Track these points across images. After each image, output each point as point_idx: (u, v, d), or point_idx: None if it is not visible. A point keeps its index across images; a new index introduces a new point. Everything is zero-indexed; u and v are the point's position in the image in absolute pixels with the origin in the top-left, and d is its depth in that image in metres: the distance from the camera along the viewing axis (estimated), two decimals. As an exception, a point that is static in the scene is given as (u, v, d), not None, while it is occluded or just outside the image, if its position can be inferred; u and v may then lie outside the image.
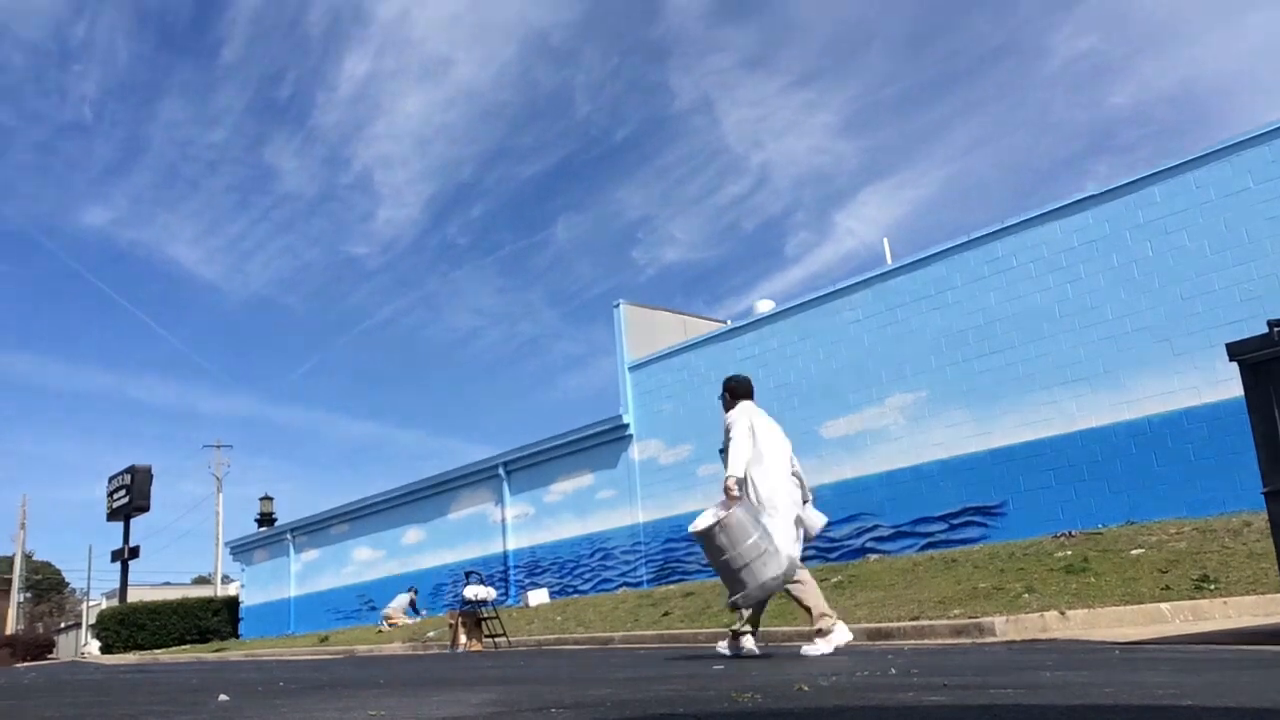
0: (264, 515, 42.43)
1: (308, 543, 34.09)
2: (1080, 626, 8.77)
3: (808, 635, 7.81)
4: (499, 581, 24.29)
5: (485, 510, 26.54)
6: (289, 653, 20.85)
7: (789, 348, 19.42)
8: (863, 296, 18.23)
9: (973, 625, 9.11)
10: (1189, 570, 9.91)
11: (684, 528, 20.83)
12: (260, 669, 11.64)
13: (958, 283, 16.78)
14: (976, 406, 16.29)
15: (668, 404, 21.76)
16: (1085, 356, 15.08)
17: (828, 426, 18.48)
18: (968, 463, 16.31)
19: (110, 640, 35.33)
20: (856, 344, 18.21)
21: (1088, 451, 14.89)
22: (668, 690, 4.69)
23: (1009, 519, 15.61)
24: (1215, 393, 13.45)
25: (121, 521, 39.51)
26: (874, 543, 17.32)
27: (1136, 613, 8.83)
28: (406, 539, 29.32)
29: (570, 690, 4.97)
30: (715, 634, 12.14)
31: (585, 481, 23.59)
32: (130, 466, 39.11)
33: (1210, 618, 8.55)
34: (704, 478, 20.60)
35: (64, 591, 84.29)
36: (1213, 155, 14.08)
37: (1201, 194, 14.15)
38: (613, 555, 22.44)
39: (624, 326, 23.27)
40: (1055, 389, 15.35)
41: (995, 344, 16.16)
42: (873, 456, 17.71)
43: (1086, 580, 10.27)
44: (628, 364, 22.84)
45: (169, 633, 35.10)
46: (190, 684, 7.83)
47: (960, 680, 4.51)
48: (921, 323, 17.22)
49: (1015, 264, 16.07)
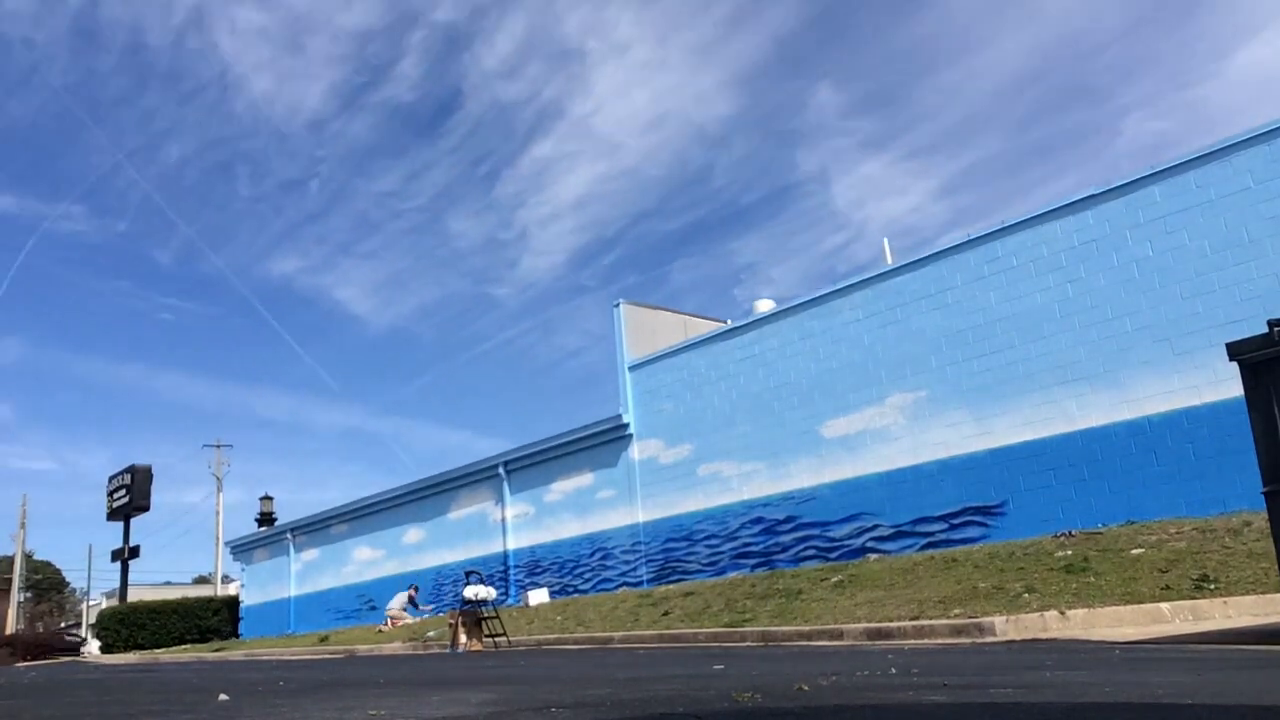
0: (264, 515, 42.39)
1: (308, 542, 34.08)
2: (1080, 626, 8.77)
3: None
4: (499, 581, 24.29)
5: (485, 510, 26.54)
6: (289, 653, 20.84)
7: (789, 347, 19.42)
8: (863, 296, 18.22)
9: (973, 625, 9.11)
10: (1189, 570, 9.91)
11: (684, 527, 20.98)
12: (260, 669, 11.64)
13: (958, 282, 16.77)
14: (977, 406, 16.29)
15: (668, 404, 21.75)
16: (1085, 356, 15.08)
17: (828, 426, 18.48)
18: (968, 462, 16.31)
19: (111, 640, 35.33)
20: (856, 343, 18.21)
21: (1088, 451, 14.89)
22: (668, 690, 4.69)
23: (1009, 518, 15.61)
24: (1215, 392, 13.44)
25: (121, 521, 39.50)
26: (874, 542, 17.32)
27: (1136, 612, 8.84)
28: (407, 539, 29.31)
29: (570, 690, 4.97)
30: (715, 634, 12.15)
31: (585, 481, 23.58)
32: (130, 466, 39.06)
33: (1210, 617, 8.55)
34: (704, 477, 20.61)
35: (64, 591, 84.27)
36: (1213, 155, 14.06)
37: (1201, 193, 14.14)
38: (613, 555, 22.43)
39: (624, 326, 23.25)
40: (1055, 389, 15.34)
41: (995, 343, 16.16)
42: (873, 456, 17.70)
43: (1086, 580, 10.27)
44: (628, 364, 22.83)
45: (169, 632, 35.09)
46: (191, 683, 7.83)
47: (960, 680, 4.51)
48: (922, 322, 17.21)
49: (1015, 263, 16.07)
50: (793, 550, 18.61)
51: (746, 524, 19.62)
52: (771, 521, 19.16)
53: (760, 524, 19.37)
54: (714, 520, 20.26)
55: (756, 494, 19.54)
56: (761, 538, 19.29)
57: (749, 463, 19.79)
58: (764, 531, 19.27)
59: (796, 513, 18.74)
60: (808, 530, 18.51)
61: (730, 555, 19.76)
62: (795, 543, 18.65)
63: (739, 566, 19.33)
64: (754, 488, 19.62)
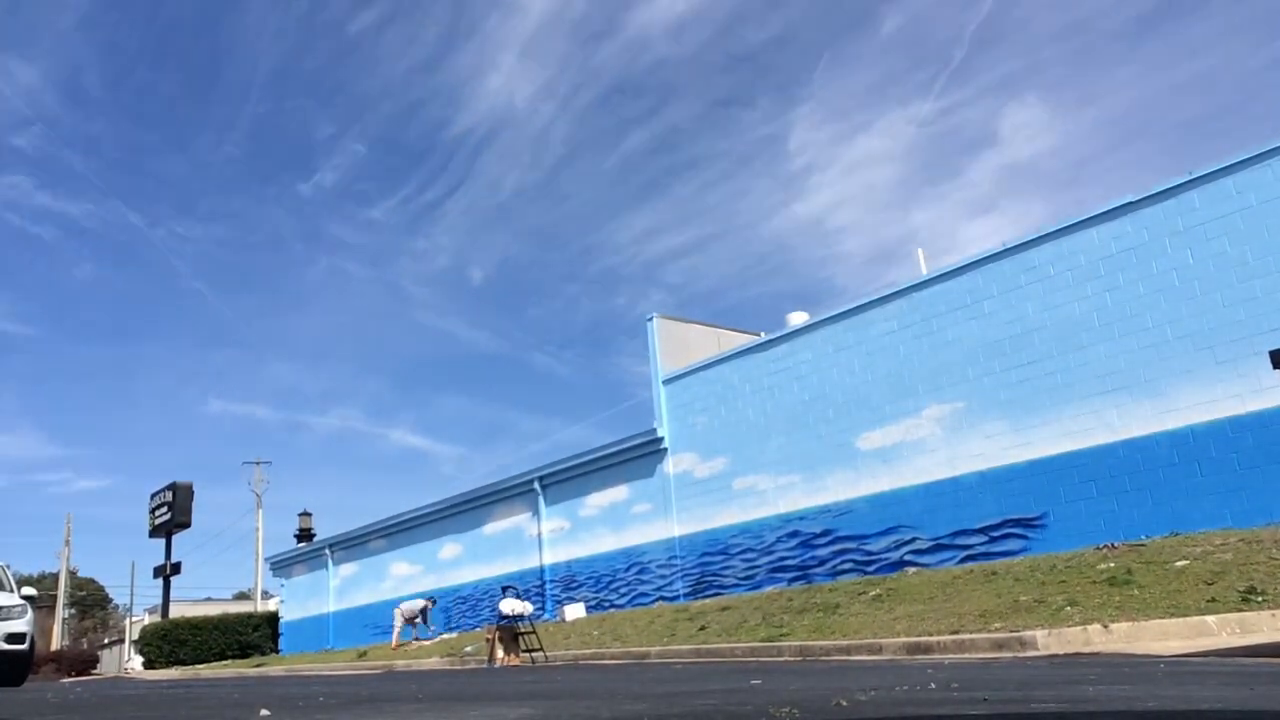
0: (303, 531, 42.77)
1: (346, 557, 34.33)
2: (1124, 640, 8.64)
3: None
4: (535, 596, 24.31)
5: (521, 525, 26.60)
6: (328, 668, 20.99)
7: (823, 359, 19.33)
8: (897, 307, 18.10)
9: (1014, 639, 8.99)
10: (1235, 582, 9.72)
11: (720, 541, 20.90)
12: (300, 684, 11.74)
13: (994, 292, 16.63)
14: (1015, 417, 16.12)
15: (702, 417, 21.72)
16: (1125, 365, 14.88)
17: (864, 438, 18.36)
18: (1007, 474, 16.12)
19: (153, 656, 35.75)
20: (892, 355, 18.09)
21: (1129, 462, 14.67)
22: (705, 705, 4.67)
23: (1050, 531, 15.41)
24: (1259, 401, 13.21)
25: (164, 538, 40.00)
26: (912, 555, 17.16)
27: (1182, 625, 8.68)
28: (443, 554, 29.44)
29: (607, 705, 4.97)
30: (752, 648, 12.09)
31: (620, 495, 23.57)
32: (172, 483, 39.56)
33: (1258, 630, 8.39)
34: (739, 491, 20.53)
35: (107, 607, 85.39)
36: (1253, 160, 13.86)
37: (1242, 199, 13.93)
38: (649, 569, 22.39)
39: (657, 340, 23.27)
40: (1095, 399, 15.15)
41: (1033, 353, 15.99)
42: (910, 468, 17.56)
43: (1130, 593, 10.11)
44: (661, 377, 22.83)
45: (210, 648, 35.46)
46: (232, 698, 7.91)
47: (1001, 694, 4.46)
48: (958, 333, 17.07)
49: (1053, 272, 15.90)
50: (829, 564, 18.48)
51: (782, 537, 19.51)
52: (808, 535, 19.05)
53: (796, 537, 19.26)
54: (750, 534, 20.17)
55: (792, 507, 19.43)
56: (798, 551, 19.17)
57: (784, 476, 19.69)
58: (800, 545, 19.15)
59: (833, 526, 18.62)
60: (844, 544, 18.38)
61: (766, 569, 19.66)
62: (832, 556, 18.52)
63: (775, 580, 19.23)
64: (789, 501, 19.51)
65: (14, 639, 14.43)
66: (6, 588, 15.65)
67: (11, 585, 15.80)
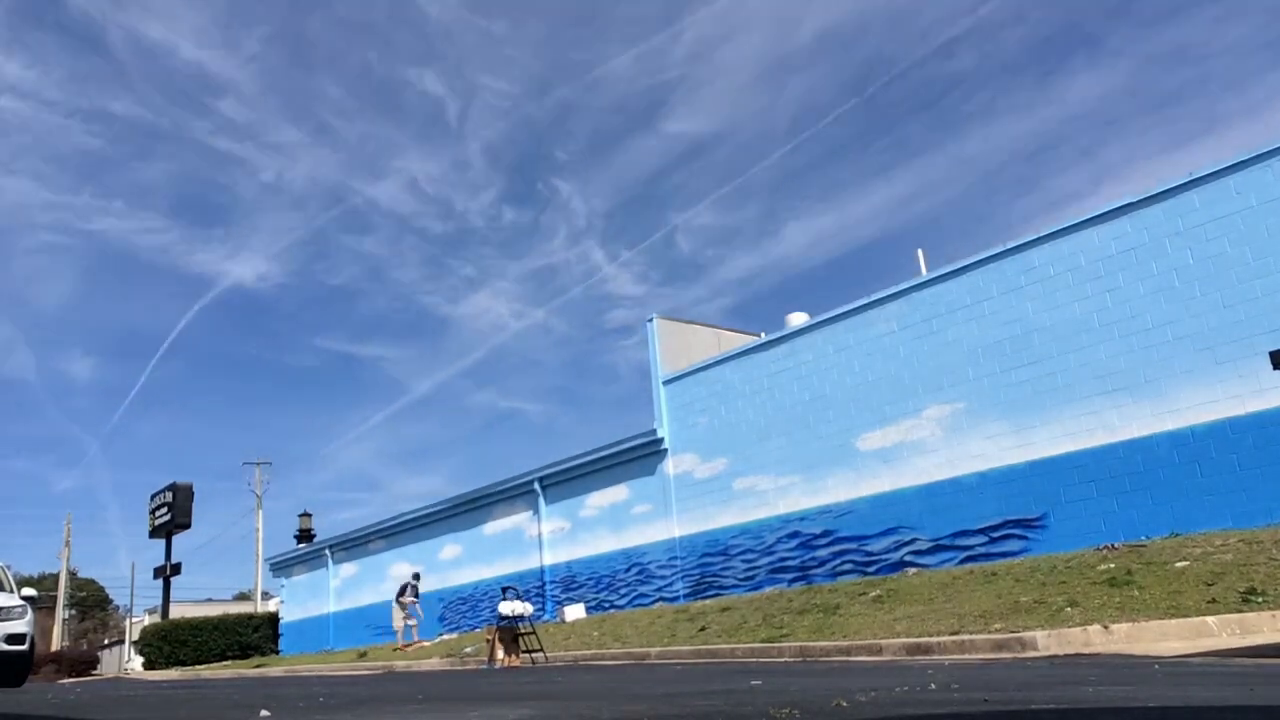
0: (303, 531, 42.77)
1: (346, 558, 34.33)
2: (1124, 641, 8.64)
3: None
4: (535, 597, 24.31)
5: (521, 525, 26.59)
6: (328, 668, 20.99)
7: (823, 360, 19.32)
8: (898, 307, 18.10)
9: (1014, 640, 8.99)
10: (1235, 583, 9.72)
11: (720, 542, 20.89)
12: (300, 685, 11.74)
13: (994, 292, 16.63)
14: (1015, 417, 16.11)
15: (702, 417, 21.71)
16: (1126, 366, 14.88)
17: (864, 439, 18.36)
18: (1007, 474, 16.12)
19: (153, 656, 35.75)
20: (892, 355, 18.08)
21: (1130, 462, 14.66)
22: (705, 705, 4.67)
23: (1050, 531, 15.40)
24: (1259, 401, 13.21)
25: (164, 538, 40.00)
26: (912, 556, 17.15)
27: (1182, 626, 8.68)
28: (443, 554, 29.44)
29: (607, 706, 4.97)
30: (752, 649, 12.09)
31: (620, 496, 23.56)
32: (172, 484, 39.55)
33: (1259, 631, 8.38)
34: (739, 491, 20.53)
35: (108, 608, 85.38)
36: (1253, 160, 13.86)
37: (1242, 200, 13.93)
38: (649, 570, 22.38)
39: (657, 341, 23.27)
40: (1095, 399, 15.14)
41: (1033, 354, 15.99)
42: (910, 469, 17.55)
43: (1130, 593, 10.11)
44: (661, 378, 22.82)
45: (210, 649, 35.46)
46: (232, 699, 7.91)
47: (1001, 695, 4.46)
48: (958, 333, 17.07)
49: (1052, 273, 15.90)
50: (830, 564, 18.47)
51: (783, 538, 19.51)
52: (808, 536, 19.04)
53: (796, 538, 19.25)
54: (750, 535, 20.17)
55: (792, 508, 19.43)
56: (798, 552, 19.17)
57: (784, 476, 19.69)
58: (800, 546, 19.15)
59: (833, 527, 18.61)
60: (845, 544, 18.37)
61: (767, 570, 19.65)
62: (832, 557, 18.51)
63: (775, 581, 19.23)
64: (790, 502, 19.51)
65: (14, 640, 14.42)
66: (7, 588, 15.64)
67: (12, 586, 15.79)
